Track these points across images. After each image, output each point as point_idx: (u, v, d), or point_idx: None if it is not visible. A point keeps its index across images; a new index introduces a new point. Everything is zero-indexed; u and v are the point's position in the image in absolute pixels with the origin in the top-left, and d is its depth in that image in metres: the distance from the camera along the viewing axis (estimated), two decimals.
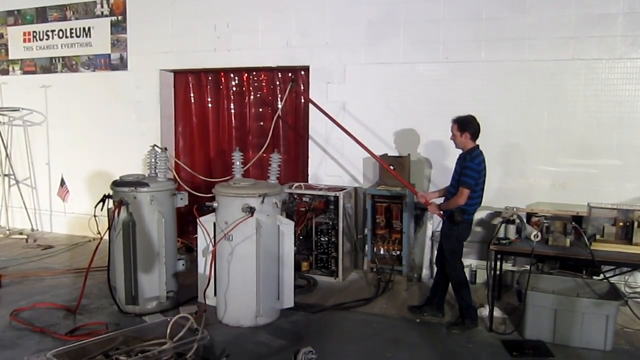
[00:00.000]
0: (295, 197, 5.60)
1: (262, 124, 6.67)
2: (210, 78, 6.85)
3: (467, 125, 4.15)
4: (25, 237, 7.20)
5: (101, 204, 4.54)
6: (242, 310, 4.24)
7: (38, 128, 7.56)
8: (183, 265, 4.72)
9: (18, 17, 7.59)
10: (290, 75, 6.35)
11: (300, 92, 6.27)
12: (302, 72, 6.28)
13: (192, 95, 6.99)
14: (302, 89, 6.28)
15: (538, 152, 5.24)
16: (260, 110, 6.70)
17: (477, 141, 4.20)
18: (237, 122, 6.81)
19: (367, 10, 5.72)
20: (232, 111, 6.81)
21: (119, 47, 7.00)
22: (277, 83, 6.52)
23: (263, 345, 3.95)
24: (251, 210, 4.08)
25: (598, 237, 4.22)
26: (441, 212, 4.35)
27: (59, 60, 7.39)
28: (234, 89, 6.78)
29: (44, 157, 7.58)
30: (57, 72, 7.41)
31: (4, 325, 4.26)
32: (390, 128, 5.72)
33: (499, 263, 4.38)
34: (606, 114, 5.00)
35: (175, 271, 4.65)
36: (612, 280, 4.47)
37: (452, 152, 4.55)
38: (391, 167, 5.20)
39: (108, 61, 7.09)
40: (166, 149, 4.84)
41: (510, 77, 5.25)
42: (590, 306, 3.92)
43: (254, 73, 6.62)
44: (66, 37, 7.29)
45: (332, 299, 4.94)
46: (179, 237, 5.30)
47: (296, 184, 5.78)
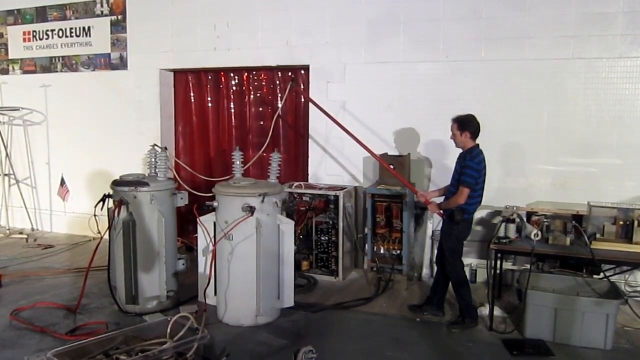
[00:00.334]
0: (296, 196, 5.59)
1: (262, 123, 6.67)
2: (210, 77, 6.85)
3: (467, 125, 4.15)
4: (26, 236, 7.20)
5: (101, 203, 4.53)
6: (242, 310, 4.24)
7: (38, 127, 7.56)
8: (183, 264, 4.72)
9: (18, 16, 7.59)
10: (290, 74, 6.35)
11: (300, 91, 6.27)
12: (302, 72, 6.28)
13: (192, 94, 6.99)
14: (302, 88, 6.27)
15: (538, 151, 5.24)
16: (260, 109, 6.70)
17: (477, 140, 4.20)
18: (237, 121, 6.81)
19: (367, 10, 5.72)
20: (232, 110, 6.81)
21: (118, 47, 6.99)
22: (277, 82, 6.52)
23: (263, 345, 3.96)
24: (251, 210, 4.08)
25: (598, 236, 4.21)
26: (441, 212, 4.35)
27: (58, 60, 7.39)
28: (234, 88, 6.78)
29: (44, 156, 7.58)
30: (57, 71, 7.41)
31: (4, 325, 4.26)
32: (390, 127, 5.72)
33: (499, 262, 4.39)
34: (606, 113, 5.00)
35: (175, 270, 4.65)
36: (612, 279, 4.47)
37: (452, 151, 4.55)
38: (391, 167, 5.20)
39: (108, 60, 7.09)
40: (166, 149, 4.84)
41: (510, 76, 5.25)
42: (590, 305, 3.92)
43: (254, 72, 6.62)
44: (66, 36, 7.29)
45: (332, 298, 4.94)
46: (179, 236, 5.30)
47: (296, 183, 5.78)
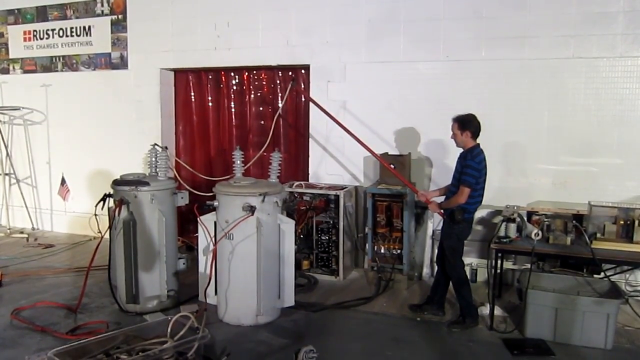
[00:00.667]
0: (296, 195, 5.59)
1: (262, 122, 6.67)
2: (210, 77, 6.85)
3: (467, 124, 4.15)
4: (26, 236, 7.20)
5: (102, 202, 4.53)
6: (242, 309, 4.24)
7: (38, 127, 7.56)
8: (184, 264, 4.72)
9: (18, 16, 7.59)
10: (290, 74, 6.34)
11: (301, 91, 6.27)
12: (303, 71, 6.28)
13: (192, 94, 6.98)
14: (302, 87, 6.27)
15: (538, 150, 5.23)
16: (261, 109, 6.69)
17: (478, 140, 4.20)
18: (237, 120, 6.81)
19: (367, 9, 5.72)
20: (233, 110, 6.81)
21: (119, 46, 6.99)
22: (278, 82, 6.51)
23: (264, 344, 3.95)
24: (252, 209, 4.08)
25: (599, 235, 4.21)
26: (442, 211, 4.34)
27: (59, 59, 7.39)
28: (234, 87, 6.78)
29: (45, 156, 7.57)
30: (57, 71, 7.41)
31: (5, 324, 4.26)
32: (390, 127, 5.72)
33: (499, 262, 4.39)
34: (607, 112, 5.00)
35: (175, 270, 4.65)
36: (613, 278, 4.48)
37: (453, 150, 4.54)
38: (392, 166, 5.20)
39: (108, 60, 7.09)
40: (167, 148, 4.84)
41: (511, 75, 5.24)
42: (590, 305, 3.92)
43: (255, 72, 6.62)
44: (66, 36, 7.29)
45: (332, 297, 4.94)
46: (179, 236, 5.30)
47: (297, 183, 5.78)
